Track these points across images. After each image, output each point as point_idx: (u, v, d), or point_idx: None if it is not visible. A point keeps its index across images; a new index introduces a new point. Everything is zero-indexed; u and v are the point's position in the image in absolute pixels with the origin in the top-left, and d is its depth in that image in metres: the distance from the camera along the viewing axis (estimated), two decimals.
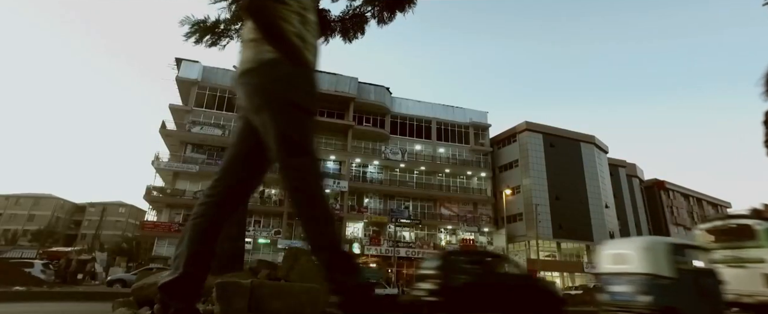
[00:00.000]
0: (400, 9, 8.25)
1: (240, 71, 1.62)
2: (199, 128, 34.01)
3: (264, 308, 3.47)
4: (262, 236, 33.09)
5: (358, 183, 37.44)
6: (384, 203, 38.43)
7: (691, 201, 59.41)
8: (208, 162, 33.08)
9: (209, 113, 35.48)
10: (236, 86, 1.65)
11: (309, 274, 4.56)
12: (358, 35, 9.19)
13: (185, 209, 32.43)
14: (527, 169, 40.83)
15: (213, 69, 36.15)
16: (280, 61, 1.55)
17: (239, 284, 3.08)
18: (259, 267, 4.21)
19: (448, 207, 40.23)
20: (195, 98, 35.33)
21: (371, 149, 39.52)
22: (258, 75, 1.56)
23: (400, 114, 41.75)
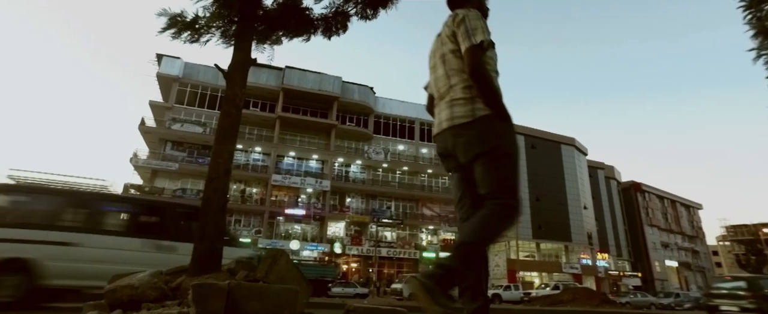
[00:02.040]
0: (383, 5, 8.30)
1: (454, 124, 1.86)
2: (180, 125, 33.48)
3: (241, 309, 3.48)
4: (243, 235, 32.74)
5: (340, 183, 37.38)
6: (366, 202, 38.45)
7: (665, 203, 60.98)
8: (188, 160, 32.61)
9: (190, 110, 34.95)
10: (445, 135, 1.91)
11: (288, 275, 4.57)
12: (340, 32, 9.21)
13: None
14: None
15: (195, 66, 35.65)
16: (493, 118, 1.81)
17: (216, 285, 3.07)
18: (237, 268, 4.19)
19: (430, 207, 40.47)
20: (176, 94, 34.78)
21: (354, 148, 39.51)
22: (473, 128, 1.81)
23: (383, 114, 41.84)
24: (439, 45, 2.08)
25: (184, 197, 30.94)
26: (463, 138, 1.83)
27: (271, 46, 8.95)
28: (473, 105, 1.84)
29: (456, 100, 1.89)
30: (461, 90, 1.89)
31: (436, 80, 2.05)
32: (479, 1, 2.18)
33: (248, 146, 35.77)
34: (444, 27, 2.05)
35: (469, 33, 1.87)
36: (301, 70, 38.17)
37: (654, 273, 51.81)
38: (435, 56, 2.10)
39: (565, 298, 17.90)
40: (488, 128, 1.80)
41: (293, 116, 37.20)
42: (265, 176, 34.75)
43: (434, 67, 2.10)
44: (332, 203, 36.60)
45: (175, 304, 3.07)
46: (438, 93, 2.03)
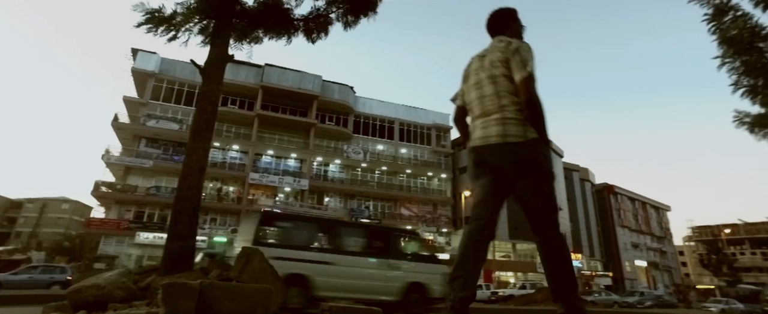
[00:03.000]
0: (364, 13, 8.32)
1: (507, 141, 2.13)
2: (155, 121, 32.71)
3: (214, 309, 3.44)
4: (219, 234, 32.22)
5: (319, 182, 37.18)
6: (345, 202, 38.35)
7: (636, 204, 62.71)
8: (163, 157, 31.90)
9: (166, 106, 34.19)
10: (494, 148, 2.17)
11: (262, 275, 4.54)
12: (321, 36, 9.18)
13: (136, 206, 31.13)
14: None
15: (171, 61, 34.86)
16: (539, 141, 2.13)
17: (187, 285, 3.03)
18: (210, 267, 4.14)
19: (408, 207, 40.64)
20: (151, 90, 33.97)
21: (333, 147, 39.35)
22: (526, 149, 2.12)
23: (363, 114, 41.79)
24: (484, 65, 2.33)
25: (157, 195, 30.27)
26: (516, 155, 2.12)
27: (251, 45, 8.86)
28: (525, 127, 2.14)
29: (509, 119, 2.16)
30: (513, 111, 2.17)
31: (482, 97, 2.31)
32: (519, 30, 2.51)
33: (225, 143, 35.22)
34: (493, 51, 2.32)
35: (524, 63, 2.17)
36: (280, 68, 37.79)
37: (624, 273, 53.23)
38: (478, 74, 2.36)
39: (539, 297, 18.24)
40: (538, 151, 2.13)
41: (272, 114, 36.81)
42: (242, 175, 34.28)
43: (478, 85, 2.35)
44: (310, 202, 36.36)
45: (143, 304, 3.01)
46: (482, 109, 2.30)
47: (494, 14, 2.54)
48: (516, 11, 2.54)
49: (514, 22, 2.51)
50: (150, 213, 31.11)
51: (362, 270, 7.45)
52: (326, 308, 4.11)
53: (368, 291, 7.33)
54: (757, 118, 9.69)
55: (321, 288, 6.87)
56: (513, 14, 2.53)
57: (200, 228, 31.49)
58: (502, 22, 2.50)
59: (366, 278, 7.36)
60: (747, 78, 9.53)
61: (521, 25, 2.53)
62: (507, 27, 2.49)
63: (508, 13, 2.52)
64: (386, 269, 7.66)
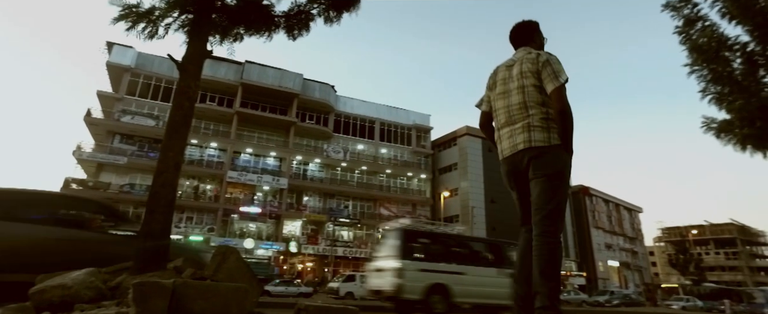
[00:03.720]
0: (346, 8, 8.30)
1: (532, 146, 2.25)
2: (130, 117, 31.95)
3: (187, 309, 3.39)
4: (195, 232, 31.68)
5: (298, 181, 36.93)
6: (324, 201, 38.19)
7: (610, 206, 64.26)
8: (139, 154, 31.18)
9: (142, 102, 33.43)
10: (520, 155, 2.31)
11: (238, 273, 4.49)
12: (302, 33, 9.12)
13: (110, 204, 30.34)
14: (466, 172, 42.26)
15: (148, 56, 34.09)
16: (562, 148, 2.24)
17: (159, 284, 2.97)
18: (184, 265, 4.07)
19: (387, 207, 40.71)
20: (127, 85, 33.15)
21: (313, 146, 39.14)
22: (548, 155, 2.23)
23: (344, 113, 41.69)
24: (513, 75, 2.44)
25: (131, 193, 29.57)
26: (537, 159, 2.24)
27: (231, 43, 8.74)
28: (550, 134, 2.26)
29: (535, 126, 2.29)
30: (539, 120, 2.29)
31: (509, 106, 2.42)
32: (541, 42, 2.63)
33: (203, 141, 34.65)
34: (523, 62, 2.41)
35: (557, 74, 2.27)
36: (261, 66, 37.38)
37: (598, 273, 54.51)
38: (506, 84, 2.47)
39: None
40: (558, 156, 2.23)
41: (252, 111, 36.38)
42: (220, 173, 33.78)
43: (506, 93, 2.46)
44: (289, 201, 36.10)
45: (113, 304, 2.93)
46: (508, 118, 2.43)
47: (519, 26, 2.64)
48: (538, 24, 2.65)
49: (538, 34, 2.63)
50: (123, 211, 30.35)
51: (487, 278, 8.43)
52: (302, 307, 4.10)
53: (493, 297, 8.33)
54: (723, 124, 10.06)
55: (457, 296, 7.86)
56: (536, 27, 2.64)
57: (176, 226, 31.04)
58: (527, 34, 2.61)
59: (490, 286, 8.32)
60: (714, 85, 9.90)
61: (543, 37, 2.64)
62: (531, 39, 2.60)
63: (532, 26, 2.63)
64: (505, 277, 8.47)
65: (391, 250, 8.06)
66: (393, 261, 7.70)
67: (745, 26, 9.44)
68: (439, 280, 7.71)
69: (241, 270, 4.62)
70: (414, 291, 7.42)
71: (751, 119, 9.31)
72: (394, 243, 8.01)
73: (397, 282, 7.33)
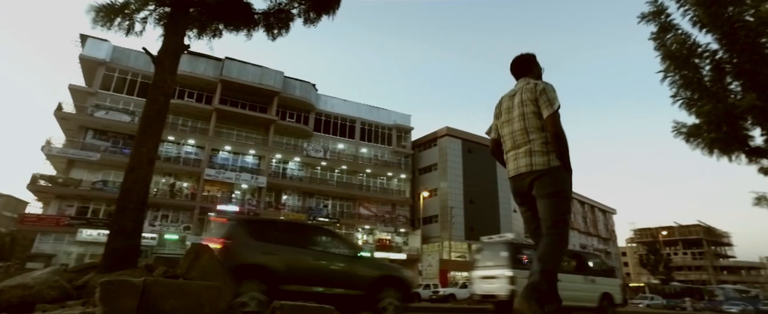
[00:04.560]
0: (325, 11, 8.27)
1: (533, 169, 2.51)
2: (105, 112, 31.06)
3: (158, 308, 3.31)
4: (170, 231, 31.03)
5: (277, 179, 36.57)
6: (303, 200, 37.92)
7: (585, 208, 65.65)
8: (112, 150, 30.32)
9: (117, 97, 32.53)
10: (524, 177, 2.56)
11: (211, 272, 4.42)
12: (282, 32, 9.04)
13: (80, 201, 29.36)
14: (445, 173, 42.55)
15: (124, 50, 33.18)
16: (561, 169, 2.47)
17: (128, 283, 2.90)
18: (155, 264, 3.98)
19: (367, 207, 40.68)
20: (101, 80, 32.21)
21: (293, 145, 38.81)
22: (548, 177, 2.46)
23: (325, 112, 41.47)
24: (515, 104, 2.72)
25: (104, 190, 28.77)
26: (539, 180, 2.49)
27: (210, 38, 8.59)
28: (549, 157, 2.50)
29: (535, 151, 2.54)
30: (539, 145, 2.54)
31: (513, 132, 2.69)
32: (539, 72, 2.90)
33: (181, 138, 33.95)
34: (523, 91, 2.69)
35: (551, 102, 2.53)
36: (241, 63, 36.85)
37: None
38: (510, 112, 2.74)
39: None
40: (558, 177, 2.47)
41: (231, 109, 35.83)
42: (197, 170, 33.18)
43: (510, 121, 2.73)
44: (268, 200, 35.71)
45: (78, 304, 2.84)
46: (513, 143, 2.69)
47: (518, 59, 2.91)
48: (535, 56, 2.93)
49: (535, 65, 2.90)
50: (95, 209, 29.47)
51: (576, 284, 9.64)
52: (277, 306, 4.06)
53: (582, 300, 9.62)
54: (692, 128, 10.40)
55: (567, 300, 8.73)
56: (533, 59, 2.91)
57: (151, 225, 30.36)
58: (526, 66, 2.88)
59: (580, 290, 9.63)
60: (685, 91, 10.24)
61: (541, 68, 2.91)
62: (529, 70, 2.87)
63: (530, 58, 2.90)
64: (590, 283, 9.94)
65: (501, 260, 9.08)
66: (505, 270, 8.76)
67: (715, 34, 9.80)
68: None
69: (214, 269, 4.54)
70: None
71: (718, 123, 9.65)
72: (505, 255, 9.09)
73: (511, 288, 8.40)
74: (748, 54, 9.38)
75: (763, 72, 9.29)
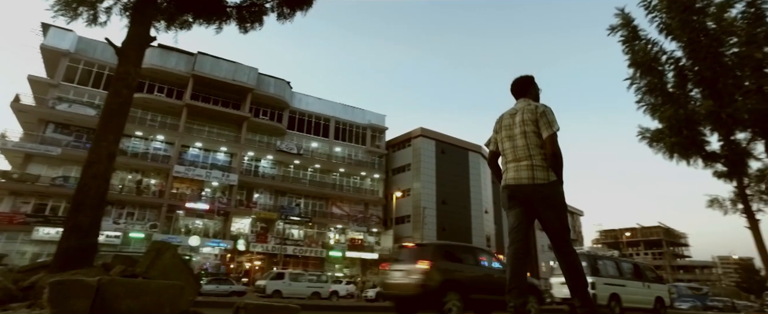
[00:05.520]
0: (299, 6, 8.15)
1: (536, 183, 2.80)
2: (67, 105, 29.81)
3: (113, 309, 3.17)
4: (136, 229, 30.07)
5: (249, 177, 35.95)
6: (275, 199, 37.41)
7: None
8: (75, 145, 29.11)
9: (82, 90, 31.27)
10: (525, 188, 2.83)
11: (173, 271, 4.27)
12: (255, 26, 8.86)
13: (37, 198, 28.03)
14: (419, 173, 42.77)
15: (90, 41, 31.93)
16: (558, 183, 2.82)
17: (81, 282, 2.75)
18: (113, 262, 3.81)
19: (339, 206, 40.48)
20: (65, 71, 30.89)
21: (266, 143, 38.24)
22: (550, 189, 2.79)
23: (299, 110, 41.02)
24: (516, 122, 2.99)
25: (65, 187, 27.58)
26: (542, 193, 2.80)
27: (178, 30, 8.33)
28: (548, 172, 2.82)
29: (537, 166, 2.84)
30: (540, 160, 2.84)
31: (515, 147, 2.96)
32: (537, 93, 3.21)
33: (149, 133, 32.94)
34: (524, 111, 2.97)
35: (551, 124, 2.84)
36: (214, 58, 36.04)
37: (540, 273, 56.88)
38: (511, 129, 3.01)
39: None
40: (557, 190, 2.81)
41: (202, 104, 34.99)
42: (166, 167, 32.26)
43: (511, 137, 3.00)
44: (239, 198, 35.07)
45: (23, 306, 2.68)
46: (514, 156, 2.96)
47: (518, 81, 3.19)
48: (533, 77, 3.21)
49: (533, 86, 3.19)
50: (54, 206, 28.19)
51: (637, 289, 11.31)
52: (242, 306, 3.96)
53: (642, 302, 11.26)
54: (655, 133, 10.82)
55: (624, 301, 10.62)
56: (532, 80, 3.20)
57: (115, 223, 29.34)
58: (525, 87, 3.17)
59: (641, 294, 11.31)
60: (649, 96, 10.62)
61: (538, 89, 3.22)
62: (528, 91, 3.16)
63: (529, 80, 3.19)
64: (647, 289, 11.64)
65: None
66: (588, 277, 9.72)
67: (680, 42, 10.20)
68: (615, 291, 10.55)
69: (177, 267, 4.39)
70: (603, 299, 10.16)
71: (679, 128, 10.07)
72: (586, 265, 10.29)
73: (592, 292, 9.92)
74: (709, 62, 9.80)
75: (721, 81, 9.71)
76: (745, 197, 10.34)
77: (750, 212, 10.21)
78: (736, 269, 70.64)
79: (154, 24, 7.59)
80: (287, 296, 18.96)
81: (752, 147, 10.23)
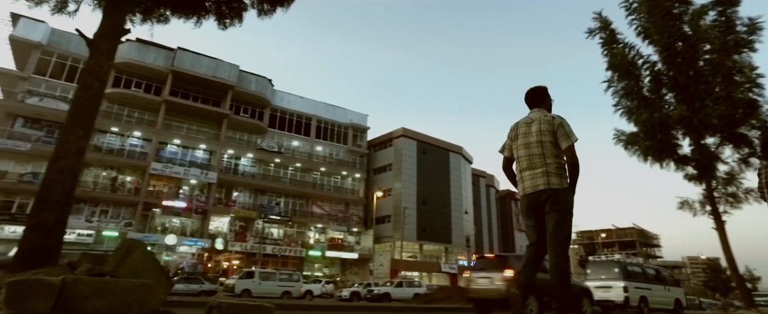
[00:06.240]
0: (279, 3, 8.06)
1: (550, 187, 2.93)
2: (38, 99, 28.88)
3: (77, 309, 3.06)
4: (109, 228, 29.33)
5: (228, 175, 35.44)
6: (254, 197, 36.98)
7: None
8: (46, 140, 28.18)
9: (54, 83, 30.33)
10: (540, 193, 2.97)
11: (143, 269, 4.16)
12: (235, 22, 8.72)
13: (4, 195, 27.02)
14: (400, 173, 42.84)
15: (64, 33, 30.98)
16: (570, 190, 2.96)
17: (43, 282, 2.65)
18: (80, 260, 3.69)
19: (320, 206, 40.26)
20: (36, 64, 29.90)
21: (247, 141, 37.77)
22: (562, 194, 2.92)
23: (280, 108, 40.63)
24: (532, 131, 3.12)
25: (34, 183, 26.67)
26: (554, 197, 2.93)
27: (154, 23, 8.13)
28: (562, 179, 2.96)
29: (552, 173, 2.98)
30: (555, 168, 2.98)
31: (531, 155, 3.08)
32: (550, 103, 3.34)
33: (126, 129, 32.16)
34: (540, 121, 3.10)
35: (569, 135, 2.98)
36: (194, 54, 35.40)
37: None
38: (526, 138, 3.13)
39: (440, 296, 18.99)
40: (568, 196, 2.94)
41: (182, 101, 34.33)
42: (142, 164, 31.56)
43: (527, 145, 3.12)
44: (218, 196, 34.53)
45: None
46: (530, 164, 3.09)
47: (532, 91, 3.34)
48: (547, 88, 3.37)
49: (547, 97, 3.33)
50: (22, 203, 27.17)
51: (660, 292, 12.26)
52: (214, 305, 3.89)
53: (664, 304, 12.18)
54: (630, 136, 11.12)
55: (651, 303, 11.68)
56: (545, 91, 3.35)
57: (87, 221, 28.55)
58: (539, 98, 3.30)
59: (662, 296, 12.25)
60: (626, 100, 10.89)
61: (551, 99, 3.35)
62: (542, 101, 3.29)
63: (542, 91, 3.34)
64: (667, 291, 12.61)
65: (616, 275, 11.71)
66: (621, 281, 11.25)
67: (657, 46, 10.47)
68: (643, 293, 11.55)
69: (148, 265, 4.27)
70: (634, 301, 11.16)
71: (653, 132, 10.36)
72: (619, 270, 11.72)
73: (626, 295, 11.00)
74: (684, 68, 10.09)
75: (694, 87, 10.01)
76: (713, 199, 10.68)
77: (717, 213, 10.55)
78: (704, 269, 72.90)
79: (130, 17, 7.41)
80: (257, 295, 18.58)
81: (720, 151, 10.57)
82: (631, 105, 10.74)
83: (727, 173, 10.80)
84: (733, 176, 10.75)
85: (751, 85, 9.72)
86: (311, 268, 37.45)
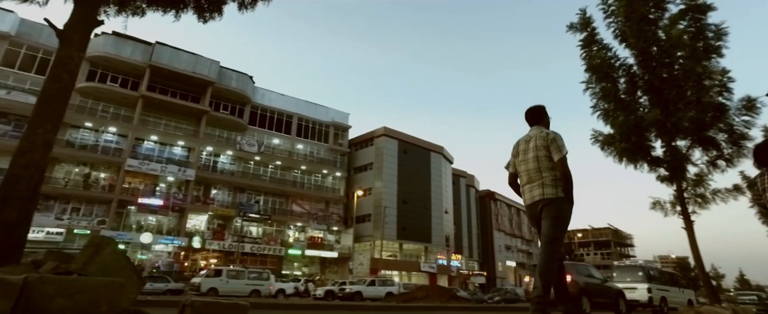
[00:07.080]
0: None
1: (545, 198, 3.22)
2: (6, 92, 27.90)
3: (41, 309, 2.95)
4: (81, 226, 28.53)
5: (207, 173, 34.89)
6: (233, 195, 36.49)
7: (512, 210, 69.21)
8: (13, 134, 27.22)
9: (24, 76, 29.34)
10: (538, 204, 3.26)
11: (114, 267, 4.04)
12: (214, 16, 8.57)
13: None
14: (380, 172, 42.86)
15: (34, 24, 29.95)
16: (564, 200, 3.18)
17: (2, 281, 2.54)
18: (45, 259, 3.56)
19: (300, 204, 39.98)
20: (4, 55, 28.87)
21: (226, 138, 37.24)
22: (555, 203, 3.18)
23: (261, 105, 40.18)
24: (530, 147, 3.41)
25: None
26: (548, 206, 3.20)
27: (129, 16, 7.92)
28: (556, 189, 3.22)
29: (547, 184, 3.25)
30: (550, 180, 3.25)
31: (529, 170, 3.39)
32: (548, 121, 3.62)
33: (100, 124, 31.33)
34: (537, 138, 3.38)
35: (560, 148, 3.25)
36: (173, 49, 34.69)
37: (497, 272, 58.34)
38: (526, 153, 3.44)
39: (419, 295, 19.07)
40: (562, 204, 3.18)
41: (160, 96, 33.60)
42: (117, 160, 30.80)
43: (526, 160, 3.43)
44: (195, 194, 33.97)
45: None
46: (528, 177, 3.40)
47: (532, 111, 3.62)
48: (545, 107, 3.65)
49: (545, 115, 3.62)
50: None
51: (676, 293, 13.82)
52: (188, 304, 3.81)
53: (679, 304, 13.29)
54: (607, 137, 11.36)
55: (670, 303, 12.93)
56: (544, 110, 3.63)
57: (58, 218, 27.72)
58: (538, 116, 3.59)
59: (678, 297, 13.75)
60: (603, 102, 11.12)
61: (549, 117, 3.63)
62: (541, 119, 3.58)
63: (541, 110, 3.62)
64: (682, 293, 14.22)
65: (640, 278, 13.02)
66: (646, 283, 12.63)
67: (633, 49, 10.72)
68: (664, 294, 12.92)
69: (118, 263, 4.16)
70: (656, 300, 12.46)
71: (628, 134, 10.61)
72: (643, 274, 13.14)
73: (649, 296, 12.33)
74: (658, 72, 10.36)
75: (667, 90, 10.28)
76: (683, 199, 10.99)
77: (686, 214, 10.87)
78: (674, 267, 75.20)
79: (104, 8, 7.20)
80: (224, 294, 18.23)
81: (691, 153, 10.89)
82: (608, 107, 10.98)
83: (696, 175, 11.13)
84: (701, 177, 11.09)
85: (721, 89, 10.04)
86: (290, 267, 37.16)
